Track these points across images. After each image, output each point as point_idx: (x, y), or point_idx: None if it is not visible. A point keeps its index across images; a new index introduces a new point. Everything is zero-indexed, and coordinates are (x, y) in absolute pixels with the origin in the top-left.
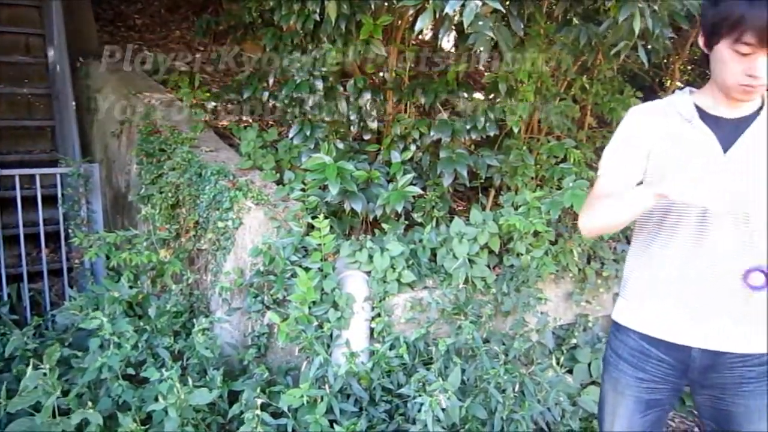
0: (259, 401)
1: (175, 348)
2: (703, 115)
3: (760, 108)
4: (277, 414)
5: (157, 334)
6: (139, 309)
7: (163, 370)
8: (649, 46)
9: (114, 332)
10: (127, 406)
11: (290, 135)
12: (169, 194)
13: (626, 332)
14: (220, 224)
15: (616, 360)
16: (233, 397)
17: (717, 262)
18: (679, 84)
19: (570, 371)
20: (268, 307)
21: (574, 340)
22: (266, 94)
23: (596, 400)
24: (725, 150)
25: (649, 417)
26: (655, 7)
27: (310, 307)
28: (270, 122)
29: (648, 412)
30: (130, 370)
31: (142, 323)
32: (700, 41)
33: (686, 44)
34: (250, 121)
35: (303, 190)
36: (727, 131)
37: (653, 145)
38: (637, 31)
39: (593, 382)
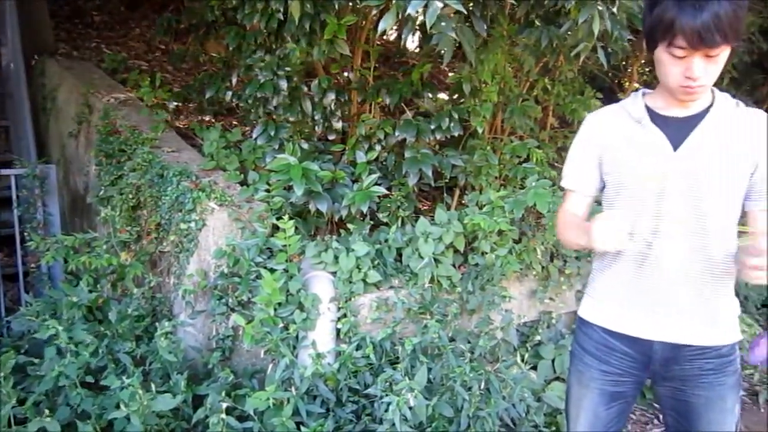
0: (224, 405)
1: (137, 353)
2: (654, 115)
3: (710, 106)
4: (242, 417)
5: (118, 339)
6: (99, 314)
7: (125, 376)
8: (609, 48)
9: (71, 339)
10: (86, 414)
11: (254, 135)
12: (130, 196)
13: (591, 327)
14: (183, 226)
15: (582, 353)
16: (198, 401)
17: (672, 260)
18: (636, 85)
19: (534, 368)
20: (232, 310)
21: (538, 337)
22: (229, 93)
23: (560, 396)
24: (675, 148)
25: (613, 409)
26: (614, 10)
27: (275, 309)
28: (233, 122)
29: (612, 405)
30: (90, 378)
31: (102, 328)
32: (645, 45)
33: (643, 46)
34: (213, 121)
35: (267, 190)
36: (677, 130)
37: (609, 148)
38: (596, 33)
39: (557, 378)
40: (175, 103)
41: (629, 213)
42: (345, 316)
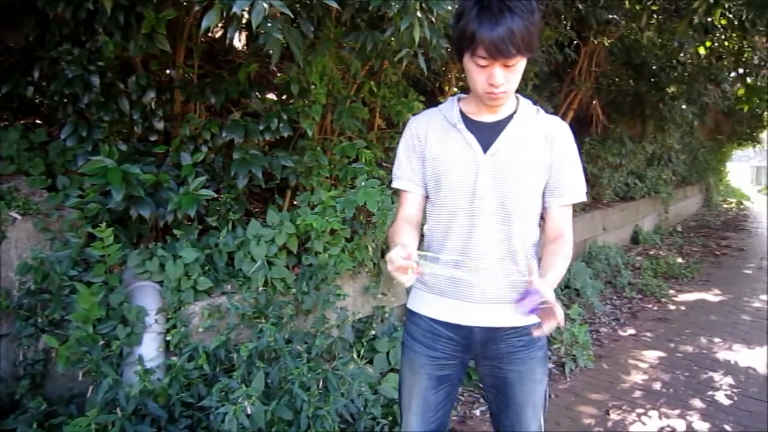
0: None
1: None
2: (467, 120)
3: (515, 112)
4: None
5: None
6: None
7: None
8: (430, 55)
9: None
10: None
11: (62, 136)
12: None
13: (419, 317)
14: None
15: (412, 342)
16: None
17: (483, 254)
18: (456, 89)
19: (370, 362)
20: (43, 330)
21: (372, 332)
22: (31, 89)
23: (395, 387)
24: (485, 150)
25: (441, 392)
26: (432, 19)
27: (94, 326)
28: (37, 121)
29: (440, 388)
30: None
31: None
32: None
33: None
34: (12, 120)
35: (81, 196)
36: (487, 133)
37: (429, 149)
38: (417, 40)
39: (392, 370)
40: None
41: (447, 213)
42: (174, 326)
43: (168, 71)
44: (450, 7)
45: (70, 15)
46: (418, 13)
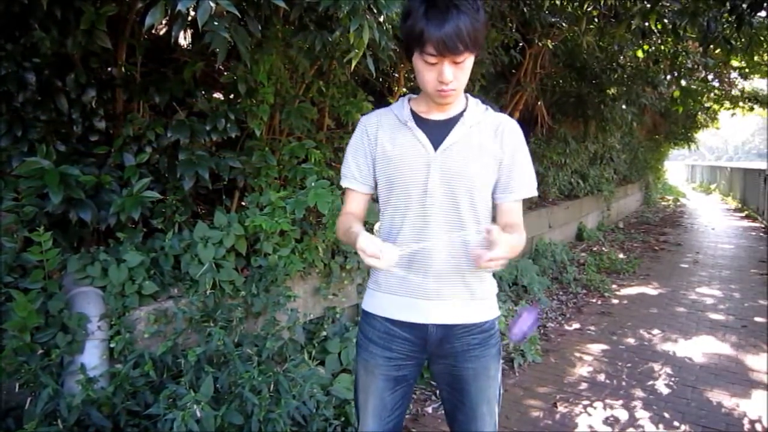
0: None
1: None
2: (418, 119)
3: (464, 110)
4: None
5: None
6: None
7: None
8: (378, 56)
9: None
10: None
11: None
12: None
13: (374, 318)
14: None
15: (366, 343)
16: None
17: (438, 252)
18: (404, 90)
19: (322, 363)
20: None
21: (324, 333)
22: None
23: (348, 387)
24: (436, 148)
25: (398, 393)
26: (381, 20)
27: (32, 334)
28: None
29: (396, 388)
30: None
31: None
32: (404, 54)
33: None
34: None
35: (16, 199)
36: (437, 132)
37: (380, 148)
38: (366, 42)
39: (344, 370)
40: None
41: (399, 211)
42: (118, 333)
43: (109, 69)
44: (398, 9)
45: (1, 9)
46: (367, 15)
